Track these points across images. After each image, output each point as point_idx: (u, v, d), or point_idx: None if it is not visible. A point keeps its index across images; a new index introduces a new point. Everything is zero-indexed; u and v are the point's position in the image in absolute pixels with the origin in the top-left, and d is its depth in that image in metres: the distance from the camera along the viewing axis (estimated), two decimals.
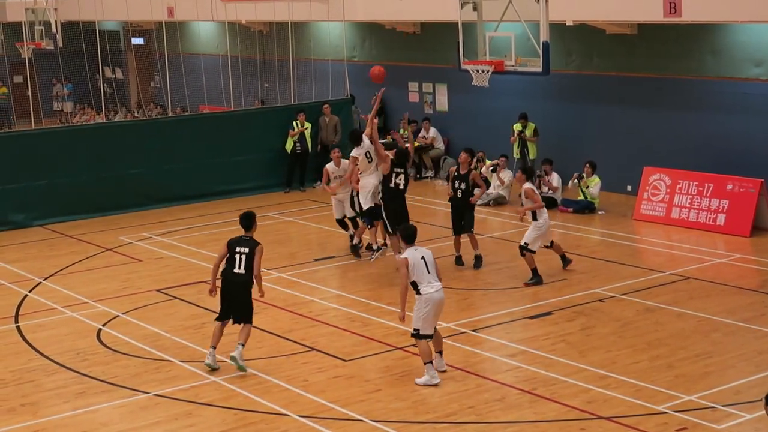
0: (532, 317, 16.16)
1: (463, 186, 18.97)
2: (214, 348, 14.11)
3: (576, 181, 23.79)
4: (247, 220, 14.28)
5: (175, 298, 17.83)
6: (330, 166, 20.78)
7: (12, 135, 26.64)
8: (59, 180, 24.62)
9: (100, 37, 32.39)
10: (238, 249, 14.00)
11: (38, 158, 24.52)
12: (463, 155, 19.19)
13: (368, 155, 18.97)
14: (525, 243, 17.81)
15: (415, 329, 13.41)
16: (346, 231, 20.66)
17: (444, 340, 14.86)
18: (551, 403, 12.69)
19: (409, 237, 13.54)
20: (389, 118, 30.74)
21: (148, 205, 24.93)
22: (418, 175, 28.46)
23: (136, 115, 38.19)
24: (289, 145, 27.25)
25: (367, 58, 31.10)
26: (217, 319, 14.22)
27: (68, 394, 13.59)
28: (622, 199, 24.22)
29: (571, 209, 23.51)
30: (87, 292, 18.37)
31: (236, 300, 14.03)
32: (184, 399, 13.25)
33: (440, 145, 28.63)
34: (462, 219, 19.14)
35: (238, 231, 14.47)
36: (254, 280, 14.00)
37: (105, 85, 35.61)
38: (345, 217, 20.49)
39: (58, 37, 33.69)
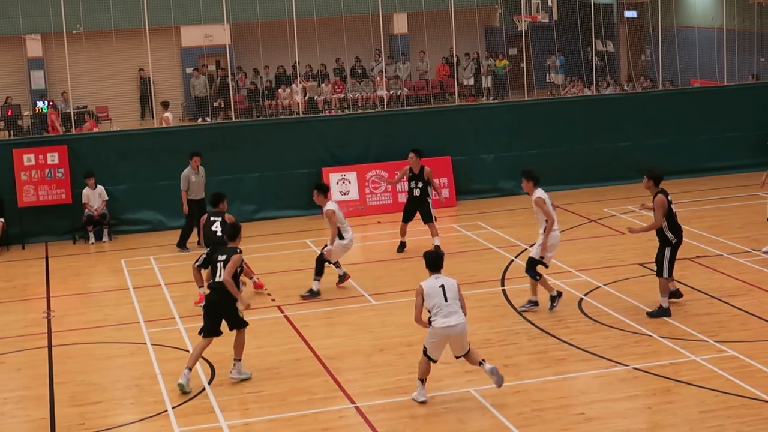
0: None
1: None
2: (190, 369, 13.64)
3: None
4: (232, 229, 14.23)
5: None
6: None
7: (507, 105, 27.63)
8: (549, 150, 25.25)
9: (594, 10, 32.63)
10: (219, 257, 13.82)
11: (530, 128, 25.31)
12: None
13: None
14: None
15: (424, 346, 12.75)
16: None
17: None
18: None
19: (432, 264, 12.72)
20: None
21: (634, 178, 24.81)
22: None
23: (625, 88, 38.14)
24: None
25: None
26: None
27: (549, 359, 13.93)
28: None
29: None
30: (570, 262, 18.70)
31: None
32: (663, 375, 13.15)
33: None
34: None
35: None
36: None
37: (596, 58, 35.85)
38: None
39: (554, 10, 34.36)
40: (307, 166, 23.65)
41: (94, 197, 22.42)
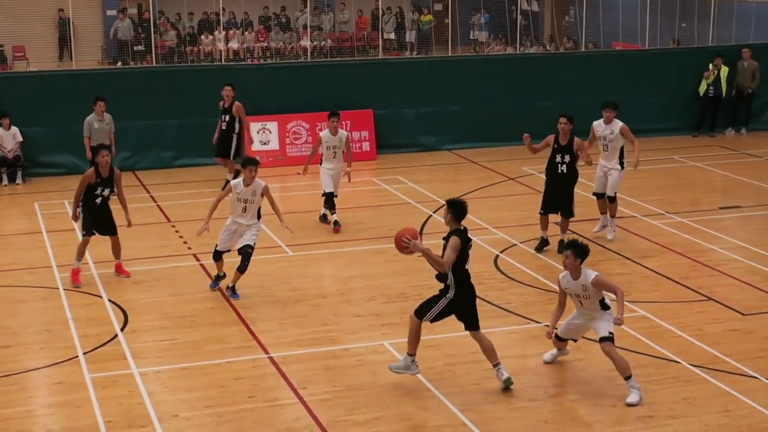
0: None
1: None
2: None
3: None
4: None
5: (573, 232, 17.85)
6: (324, 134, 18.37)
7: (430, 60, 27.61)
8: (470, 107, 25.33)
9: None
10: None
11: (453, 85, 25.34)
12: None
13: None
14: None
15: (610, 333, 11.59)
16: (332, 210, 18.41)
17: None
18: None
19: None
20: None
21: None
22: None
23: (548, 48, 38.34)
24: (702, 88, 26.46)
25: None
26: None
27: None
28: None
29: None
30: (487, 219, 18.81)
31: None
32: None
33: None
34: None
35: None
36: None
37: (520, 17, 35.94)
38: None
39: None
40: None
41: (8, 138, 22.00)
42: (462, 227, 11.48)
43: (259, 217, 14.75)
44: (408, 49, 38.45)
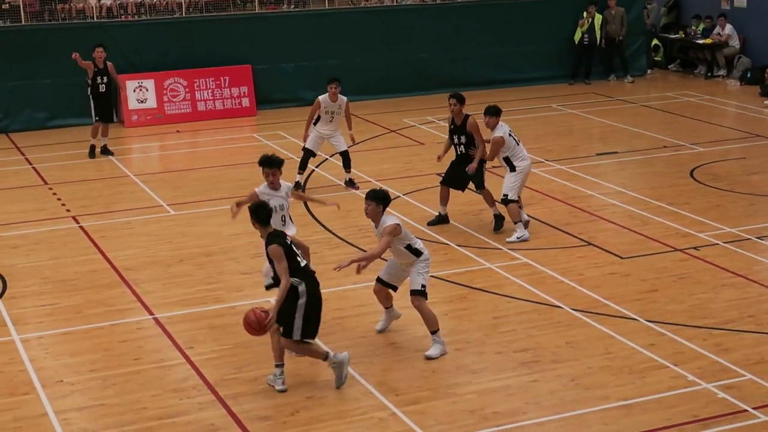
0: None
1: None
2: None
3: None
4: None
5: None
6: (323, 98, 17.72)
7: (307, 14, 27.36)
8: (349, 59, 25.23)
9: None
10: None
11: (331, 38, 25.21)
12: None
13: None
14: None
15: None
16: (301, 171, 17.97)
17: (726, 245, 14.51)
18: None
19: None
20: (683, 12, 29.62)
21: (434, 89, 25.12)
22: (709, 74, 27.43)
23: None
24: (577, 37, 26.81)
25: None
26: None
27: (348, 268, 13.95)
28: None
29: None
30: (370, 172, 18.83)
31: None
32: (459, 282, 13.46)
33: (735, 43, 27.36)
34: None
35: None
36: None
37: None
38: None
39: None
40: None
41: None
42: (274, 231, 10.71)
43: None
44: (285, 2, 37.99)
